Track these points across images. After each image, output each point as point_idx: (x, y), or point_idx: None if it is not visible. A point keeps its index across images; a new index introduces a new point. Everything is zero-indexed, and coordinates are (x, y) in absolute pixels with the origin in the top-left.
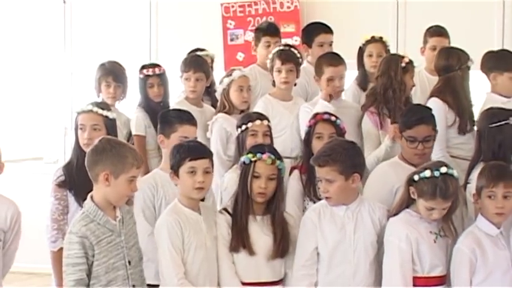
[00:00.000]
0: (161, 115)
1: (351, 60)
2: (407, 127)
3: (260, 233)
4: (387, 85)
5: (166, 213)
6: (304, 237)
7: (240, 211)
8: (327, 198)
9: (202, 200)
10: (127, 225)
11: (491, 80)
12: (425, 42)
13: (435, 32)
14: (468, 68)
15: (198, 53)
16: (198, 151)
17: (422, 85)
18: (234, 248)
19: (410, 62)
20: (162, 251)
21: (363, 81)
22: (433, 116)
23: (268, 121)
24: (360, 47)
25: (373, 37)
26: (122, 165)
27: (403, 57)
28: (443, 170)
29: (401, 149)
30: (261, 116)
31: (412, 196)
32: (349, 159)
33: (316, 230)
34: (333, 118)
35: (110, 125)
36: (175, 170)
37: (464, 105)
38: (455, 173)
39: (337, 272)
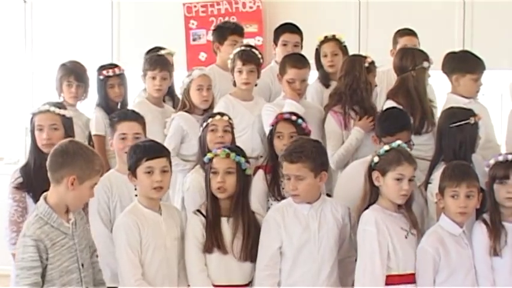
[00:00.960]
0: (109, 118)
1: (313, 61)
2: (390, 134)
3: (231, 234)
4: (354, 86)
5: (124, 214)
6: (267, 237)
7: (211, 211)
8: (294, 195)
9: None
10: (79, 228)
11: (452, 81)
12: (395, 43)
13: (405, 32)
14: (424, 68)
15: (161, 52)
16: (154, 151)
17: (390, 86)
18: (208, 248)
19: (373, 63)
20: (120, 252)
21: (324, 79)
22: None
23: (230, 118)
24: (317, 48)
25: (326, 37)
26: (89, 171)
27: (365, 57)
28: (398, 142)
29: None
30: (221, 113)
31: (376, 183)
32: (319, 157)
33: (281, 229)
34: (294, 117)
35: (68, 124)
36: (132, 170)
37: (417, 107)
38: (408, 148)
39: (302, 271)
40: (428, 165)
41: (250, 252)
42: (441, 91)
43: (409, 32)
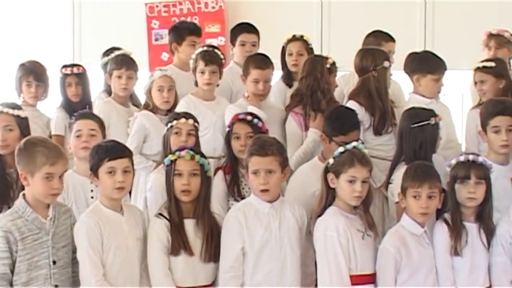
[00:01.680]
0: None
1: (276, 61)
2: (342, 133)
3: (194, 235)
4: (314, 87)
5: (85, 214)
6: (230, 238)
7: (174, 214)
8: (264, 191)
9: None
10: (60, 226)
11: (414, 82)
12: (378, 45)
13: (390, 38)
14: (385, 68)
15: (117, 52)
16: (116, 151)
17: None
18: (175, 251)
19: (334, 64)
20: (81, 253)
21: (287, 79)
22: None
23: (195, 121)
24: (283, 46)
25: (294, 36)
26: (33, 164)
27: (327, 58)
28: (355, 144)
29: (323, 151)
30: (187, 115)
31: (332, 185)
32: (284, 152)
33: (243, 229)
34: (249, 117)
35: (23, 124)
36: (94, 170)
37: (378, 107)
38: (365, 150)
39: (265, 270)
40: (389, 165)
41: (213, 253)
42: (404, 91)
43: (393, 39)
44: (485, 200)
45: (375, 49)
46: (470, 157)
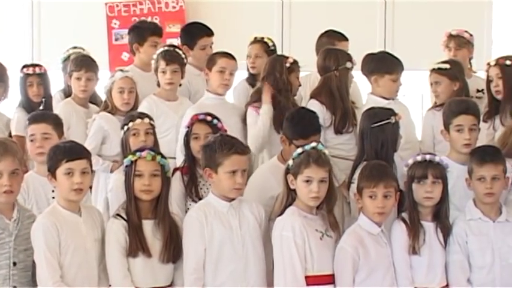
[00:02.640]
0: None
1: (240, 62)
2: (303, 137)
3: (152, 236)
4: (274, 86)
5: (43, 216)
6: (192, 239)
7: (132, 214)
8: (239, 189)
9: None
10: (24, 229)
11: (372, 83)
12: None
13: (343, 38)
14: (347, 69)
15: (70, 51)
16: (74, 152)
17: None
18: (133, 252)
19: (295, 62)
20: (38, 254)
21: (251, 79)
22: None
23: (150, 119)
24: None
25: (255, 38)
26: None
27: (287, 57)
28: (313, 144)
29: (283, 152)
30: (142, 115)
31: (291, 186)
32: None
33: (204, 229)
34: (209, 118)
35: None
36: (52, 171)
37: (339, 106)
38: (325, 150)
39: (228, 270)
40: (349, 165)
41: (172, 254)
42: (363, 92)
43: (346, 39)
44: (442, 199)
45: (338, 49)
46: (427, 157)
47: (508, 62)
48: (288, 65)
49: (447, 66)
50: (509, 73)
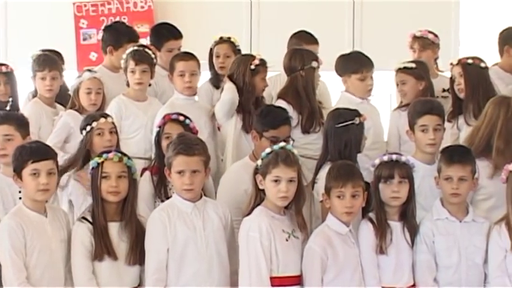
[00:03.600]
0: None
1: (204, 61)
2: (272, 127)
3: (118, 238)
4: (237, 86)
5: (8, 216)
6: (155, 239)
7: (98, 217)
8: (190, 190)
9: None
10: None
11: (343, 82)
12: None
13: (313, 40)
14: (313, 68)
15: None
16: (40, 152)
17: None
18: (98, 256)
19: (262, 63)
20: (3, 255)
21: (215, 80)
22: None
23: (112, 118)
24: (211, 48)
25: (221, 38)
26: None
27: (254, 58)
28: (282, 144)
29: (254, 150)
30: (104, 114)
31: (260, 186)
32: (207, 151)
33: (167, 229)
34: (181, 118)
35: None
36: (18, 172)
37: (305, 106)
38: (294, 150)
39: (192, 270)
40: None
41: (139, 256)
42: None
43: (315, 41)
44: (408, 199)
45: (304, 49)
46: (394, 157)
47: (469, 61)
48: (253, 66)
49: (413, 65)
50: (470, 72)
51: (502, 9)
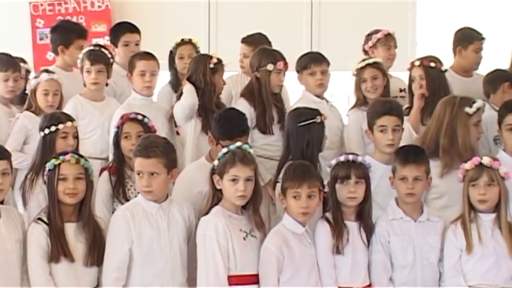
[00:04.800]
0: None
1: (163, 61)
2: (229, 138)
3: (75, 239)
4: (197, 85)
5: None
6: (117, 238)
7: (55, 218)
8: (148, 192)
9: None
10: None
11: (299, 80)
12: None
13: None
14: (268, 71)
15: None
16: None
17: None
18: (55, 257)
19: (220, 62)
20: None
21: (175, 83)
22: None
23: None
24: (171, 50)
25: (182, 39)
26: None
27: (211, 57)
28: (238, 144)
29: (211, 152)
30: (70, 117)
31: (217, 186)
32: (171, 153)
33: (131, 229)
34: (140, 117)
35: None
36: None
37: (260, 106)
38: (250, 150)
39: (155, 270)
40: (275, 164)
41: (96, 257)
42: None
43: (245, 42)
44: (365, 199)
45: (267, 50)
46: (350, 157)
47: (432, 64)
48: (212, 65)
49: (381, 61)
50: (432, 75)
51: (459, 9)
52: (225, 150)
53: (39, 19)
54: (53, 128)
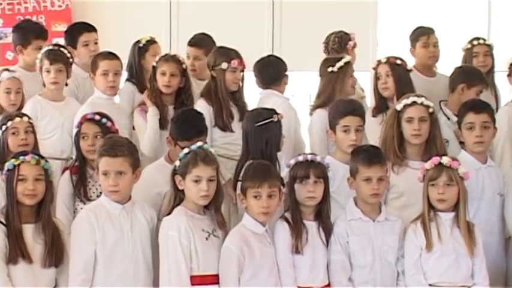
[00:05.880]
0: None
1: (125, 61)
2: (187, 139)
3: (33, 241)
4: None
5: None
6: (82, 240)
7: (13, 219)
8: (114, 192)
9: None
10: None
11: None
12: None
13: (189, 41)
14: (222, 70)
15: None
16: None
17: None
18: (12, 259)
19: (150, 40)
20: None
21: (139, 81)
22: None
23: (30, 118)
24: (140, 47)
25: (151, 38)
26: None
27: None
28: (199, 144)
29: (169, 152)
30: (21, 113)
31: (180, 187)
32: (135, 153)
33: (95, 231)
34: (97, 117)
35: None
36: None
37: (216, 105)
38: (212, 149)
39: (119, 272)
40: (235, 164)
41: (54, 258)
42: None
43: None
44: (323, 199)
45: (222, 49)
46: (309, 157)
47: (398, 62)
48: (155, 63)
49: None
50: (399, 72)
51: (420, 9)
52: (186, 150)
53: None
54: (3, 127)
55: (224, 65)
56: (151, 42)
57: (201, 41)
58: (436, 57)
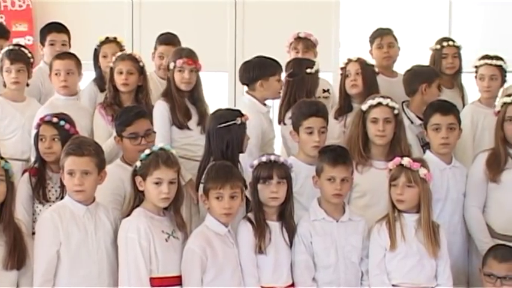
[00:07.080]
0: None
1: (86, 62)
2: (127, 125)
3: None
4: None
5: None
6: (45, 241)
7: None
8: (79, 191)
9: None
10: None
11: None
12: (155, 48)
13: (163, 41)
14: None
15: None
16: None
17: (155, 87)
18: None
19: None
20: None
21: (100, 82)
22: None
23: None
24: (96, 49)
25: (107, 38)
26: None
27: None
28: (160, 145)
29: (123, 151)
30: None
31: (140, 188)
32: (101, 154)
33: (59, 231)
34: (55, 119)
35: None
36: None
37: (174, 104)
38: (173, 151)
39: (83, 273)
40: (196, 165)
41: (17, 260)
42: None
43: (167, 41)
44: (286, 199)
45: (176, 48)
46: (272, 157)
47: (368, 62)
48: (112, 64)
49: None
50: (368, 72)
51: (382, 10)
52: (147, 151)
53: None
54: None
55: (171, 65)
56: (105, 42)
57: (173, 40)
58: (391, 57)
